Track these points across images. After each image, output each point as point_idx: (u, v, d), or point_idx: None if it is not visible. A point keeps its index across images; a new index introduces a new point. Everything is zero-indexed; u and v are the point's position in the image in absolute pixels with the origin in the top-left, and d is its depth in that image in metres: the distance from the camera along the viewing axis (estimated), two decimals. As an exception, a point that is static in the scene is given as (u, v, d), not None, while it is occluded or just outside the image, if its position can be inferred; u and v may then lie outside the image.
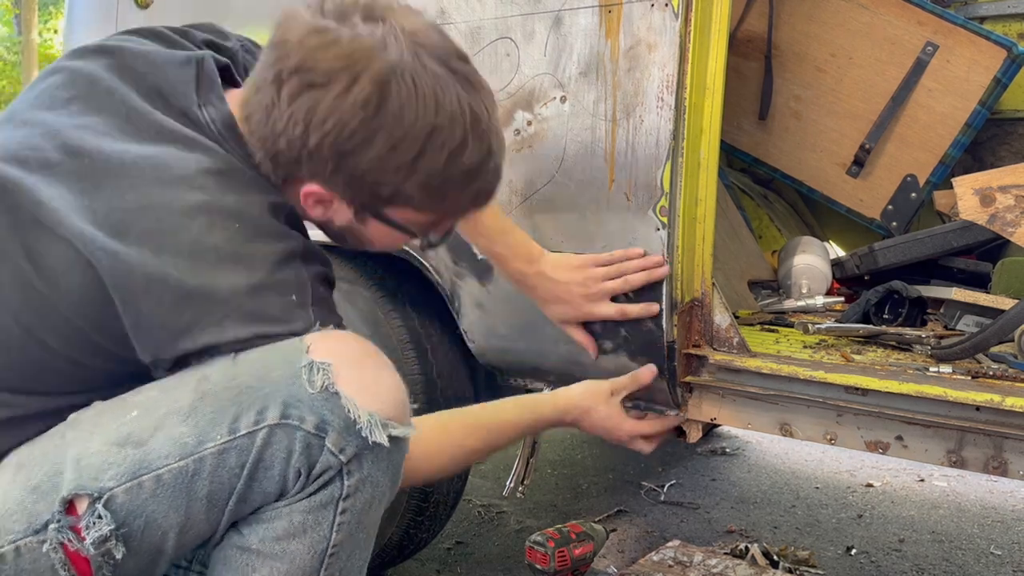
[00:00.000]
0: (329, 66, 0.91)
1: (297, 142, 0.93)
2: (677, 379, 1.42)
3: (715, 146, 1.37)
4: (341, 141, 0.93)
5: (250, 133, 0.98)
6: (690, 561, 1.33)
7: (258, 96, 0.95)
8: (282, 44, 0.94)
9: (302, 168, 0.96)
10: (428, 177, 0.97)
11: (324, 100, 0.91)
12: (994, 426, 1.18)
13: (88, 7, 2.27)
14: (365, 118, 0.91)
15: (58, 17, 18.01)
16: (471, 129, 0.96)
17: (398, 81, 0.91)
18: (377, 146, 0.93)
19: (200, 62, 1.02)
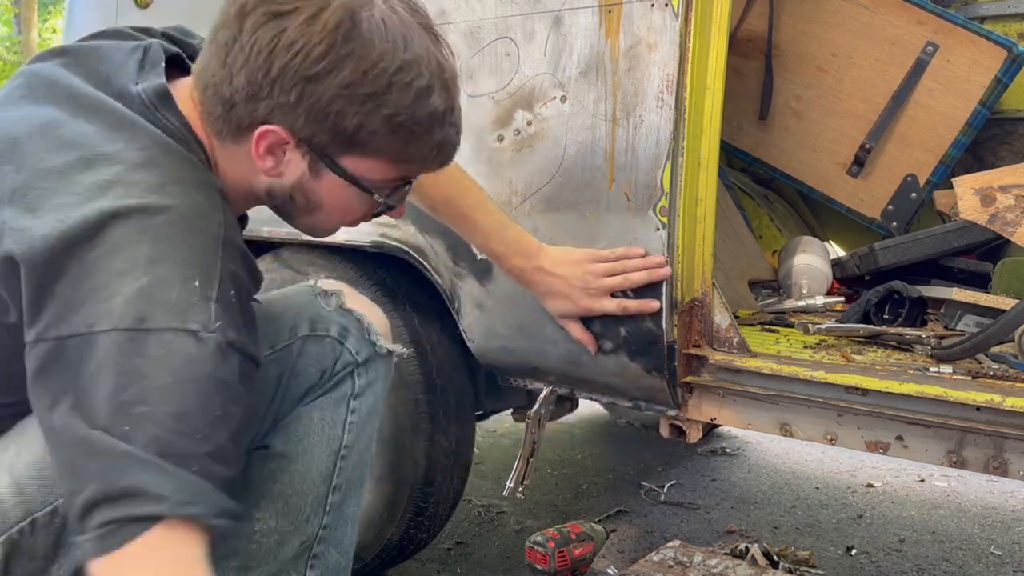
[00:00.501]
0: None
1: (259, 72, 0.90)
2: (677, 379, 1.42)
3: (715, 146, 1.37)
4: (307, 65, 0.89)
5: (203, 89, 0.95)
6: (690, 561, 1.33)
7: (216, 41, 0.93)
8: None
9: (259, 105, 0.92)
10: (394, 113, 0.93)
11: (290, 27, 0.89)
12: (994, 426, 1.18)
13: (88, 7, 2.27)
14: (333, 43, 0.89)
15: (58, 17, 18.01)
16: (437, 75, 0.95)
17: (368, 13, 0.90)
18: (344, 72, 0.90)
19: (147, 48, 1.01)
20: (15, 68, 16.92)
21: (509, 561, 2.03)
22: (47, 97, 0.96)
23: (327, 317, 1.15)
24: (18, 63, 15.72)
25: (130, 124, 0.92)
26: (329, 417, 1.14)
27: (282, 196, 1.01)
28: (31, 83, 0.99)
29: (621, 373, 1.47)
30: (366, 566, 1.78)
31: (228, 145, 0.98)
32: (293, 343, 1.12)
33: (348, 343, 1.15)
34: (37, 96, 0.97)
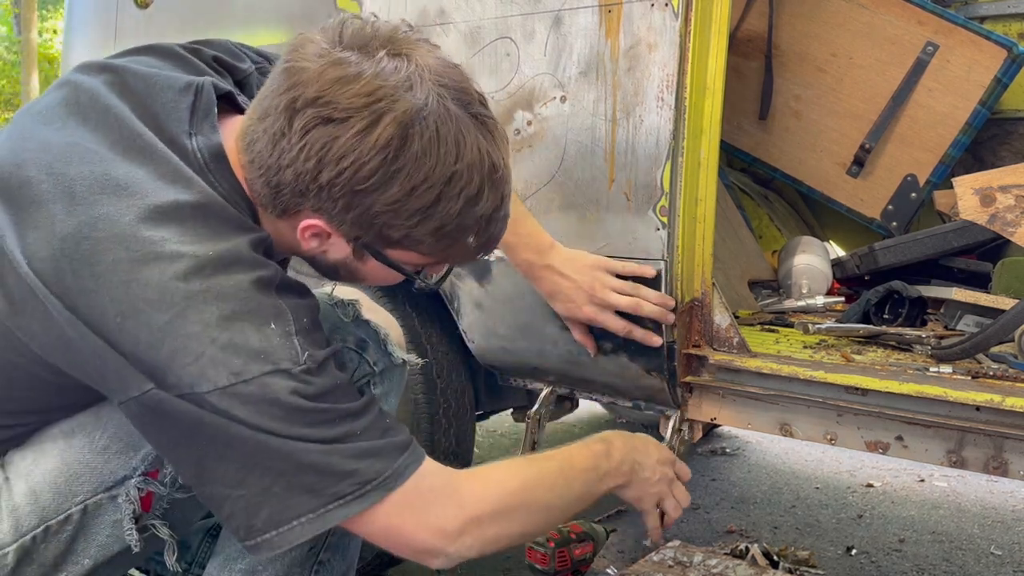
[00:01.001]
0: (350, 103, 0.87)
1: (307, 176, 0.90)
2: (677, 379, 1.42)
3: (715, 146, 1.37)
4: (357, 181, 0.89)
5: (250, 161, 0.94)
6: (690, 561, 1.33)
7: (264, 124, 0.91)
8: (297, 72, 0.89)
9: (306, 201, 0.93)
10: (441, 224, 0.93)
11: (342, 137, 0.87)
12: (994, 426, 1.18)
13: (88, 7, 2.28)
14: (384, 160, 0.88)
15: (58, 17, 18.01)
16: (488, 177, 0.94)
17: (421, 124, 0.88)
18: (393, 189, 0.90)
19: (199, 89, 0.98)
20: (15, 68, 16.90)
21: (509, 561, 2.03)
22: (98, 126, 0.94)
23: (344, 328, 1.16)
24: (18, 63, 15.72)
25: (184, 178, 0.91)
26: None
27: (326, 267, 1.03)
28: (79, 100, 0.97)
29: (621, 373, 1.47)
30: (366, 566, 1.78)
31: (271, 217, 0.98)
32: None
33: (366, 354, 1.16)
34: (87, 119, 0.95)
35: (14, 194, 0.89)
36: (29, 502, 0.97)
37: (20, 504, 0.97)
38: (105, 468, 0.99)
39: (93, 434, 0.99)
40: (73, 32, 2.34)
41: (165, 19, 2.07)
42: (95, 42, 2.22)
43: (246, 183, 0.96)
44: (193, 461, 0.88)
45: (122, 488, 0.99)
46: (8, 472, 0.98)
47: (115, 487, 0.99)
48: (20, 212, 0.88)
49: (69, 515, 0.98)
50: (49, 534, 0.97)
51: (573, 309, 1.40)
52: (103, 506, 0.99)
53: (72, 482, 0.98)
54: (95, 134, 0.93)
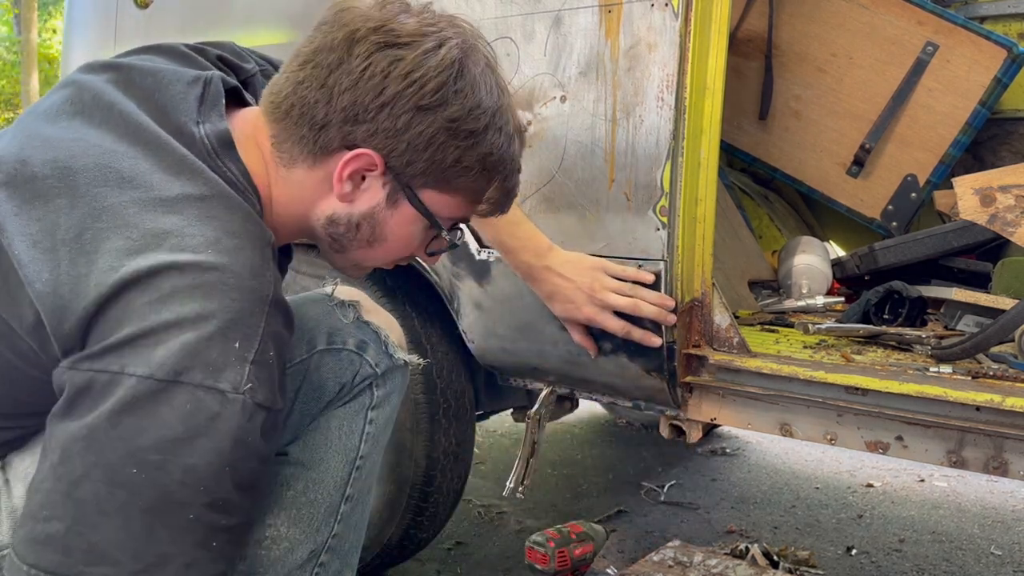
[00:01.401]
0: (414, 29, 0.92)
1: (368, 94, 0.92)
2: (677, 379, 1.42)
3: (715, 146, 1.37)
4: (422, 95, 0.92)
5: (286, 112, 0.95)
6: (690, 561, 1.33)
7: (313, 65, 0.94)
8: (352, 11, 0.94)
9: (358, 128, 0.94)
10: (489, 152, 0.98)
11: (408, 56, 0.91)
12: (994, 426, 1.18)
13: (88, 7, 2.28)
14: (448, 78, 0.93)
15: (57, 17, 18.01)
16: (516, 128, 1.02)
17: (476, 56, 0.96)
18: (454, 107, 0.94)
19: (208, 81, 0.99)
20: (15, 68, 16.90)
21: (509, 561, 2.03)
22: (103, 122, 0.94)
23: (344, 330, 1.15)
24: (18, 63, 15.72)
25: (189, 169, 0.91)
26: (347, 427, 1.14)
27: (347, 224, 1.01)
28: (83, 98, 0.97)
29: (621, 373, 1.47)
30: (366, 566, 1.78)
31: (299, 170, 0.98)
32: (311, 357, 1.12)
33: (367, 355, 1.15)
34: (92, 117, 0.95)
35: (20, 189, 0.89)
36: None
37: (19, 506, 0.96)
38: None
39: None
40: (73, 32, 2.34)
41: (165, 19, 2.07)
42: (95, 42, 2.22)
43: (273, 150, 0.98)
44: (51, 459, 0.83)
45: None
46: (8, 474, 0.98)
47: None
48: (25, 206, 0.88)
49: None
50: None
51: (572, 310, 1.40)
52: None
53: None
54: (99, 130, 0.93)
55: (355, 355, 1.15)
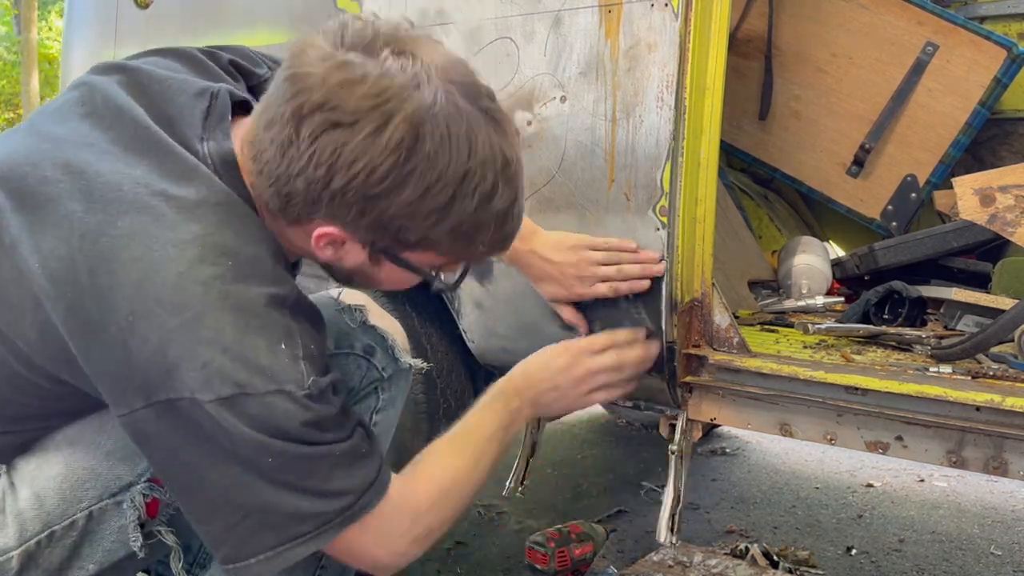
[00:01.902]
0: (357, 105, 0.85)
1: (318, 183, 0.88)
2: (677, 379, 1.42)
3: (715, 146, 1.37)
4: (370, 185, 0.87)
5: (258, 172, 0.92)
6: (690, 561, 1.33)
7: (271, 132, 0.89)
8: (301, 78, 0.87)
9: (319, 210, 0.90)
10: (458, 223, 0.92)
11: (352, 141, 0.85)
12: (994, 426, 1.18)
13: (88, 7, 2.27)
14: (397, 161, 0.86)
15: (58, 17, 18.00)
16: (501, 173, 0.92)
17: (431, 123, 0.86)
18: (407, 191, 0.88)
19: (214, 95, 0.97)
20: (15, 68, 16.89)
21: (509, 561, 2.03)
22: (112, 125, 0.94)
23: (351, 334, 1.16)
24: (18, 63, 15.71)
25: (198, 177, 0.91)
26: None
27: (342, 273, 1.02)
28: (93, 100, 0.97)
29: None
30: (366, 566, 1.78)
31: (281, 221, 0.96)
32: None
33: (374, 359, 1.17)
34: (102, 121, 0.94)
35: (31, 191, 0.89)
36: (33, 507, 0.97)
37: (25, 509, 0.97)
38: (110, 474, 0.99)
39: (98, 439, 0.99)
40: (73, 32, 2.34)
41: (165, 19, 2.07)
42: (95, 42, 2.22)
43: (254, 191, 0.95)
44: (176, 484, 0.90)
45: (127, 494, 1.00)
46: (13, 478, 0.99)
47: (120, 493, 1.00)
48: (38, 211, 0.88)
49: (74, 521, 0.98)
50: (54, 539, 0.97)
51: (562, 291, 1.39)
52: (108, 512, 1.00)
53: (77, 488, 0.98)
54: (109, 133, 0.93)
55: (362, 359, 1.16)
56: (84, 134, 0.93)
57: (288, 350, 0.86)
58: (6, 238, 0.89)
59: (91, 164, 0.89)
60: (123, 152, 0.91)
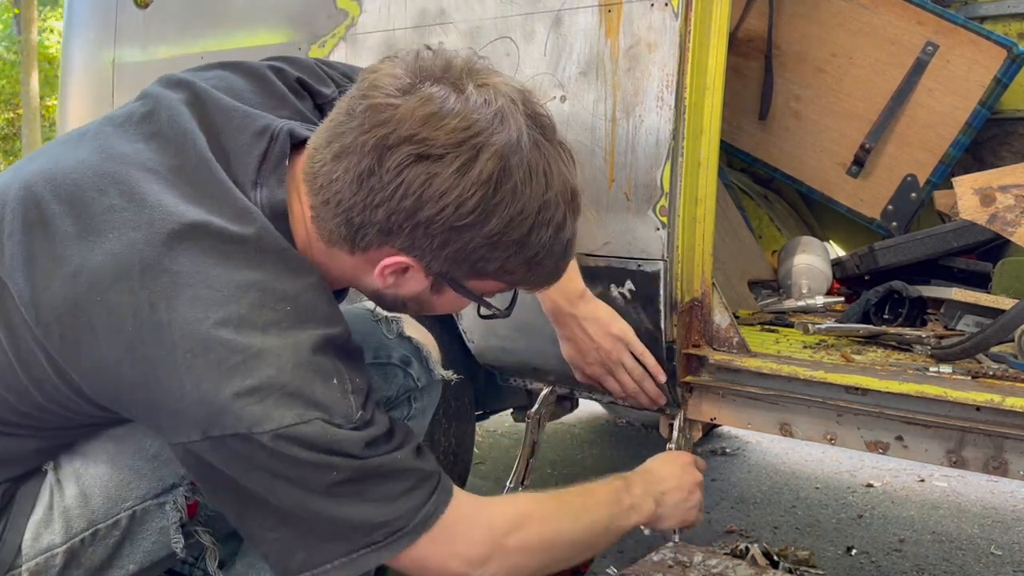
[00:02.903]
0: (447, 139, 0.86)
1: (402, 214, 0.88)
2: (677, 379, 1.42)
3: (715, 146, 1.37)
4: (458, 217, 0.88)
5: (323, 201, 0.92)
6: (690, 561, 1.33)
7: (345, 162, 0.89)
8: (382, 109, 0.88)
9: (395, 239, 0.91)
10: (533, 253, 0.94)
11: (442, 174, 0.86)
12: (994, 426, 1.18)
13: (88, 7, 2.28)
14: (486, 195, 0.88)
15: (58, 17, 18.01)
16: (570, 204, 0.95)
17: (517, 157, 0.89)
18: (492, 223, 0.89)
19: (274, 138, 0.97)
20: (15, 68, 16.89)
21: (509, 561, 2.03)
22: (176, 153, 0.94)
23: (388, 344, 1.18)
24: (18, 63, 15.71)
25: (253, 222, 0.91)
26: None
27: (392, 300, 1.02)
28: (159, 118, 0.98)
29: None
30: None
31: (338, 251, 0.96)
32: None
33: (410, 370, 1.20)
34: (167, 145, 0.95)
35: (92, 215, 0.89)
36: (79, 504, 0.98)
37: (71, 507, 0.98)
38: (154, 475, 1.01)
39: (143, 441, 1.01)
40: (73, 32, 2.34)
41: (165, 19, 2.07)
42: (95, 42, 2.22)
43: (312, 222, 0.95)
44: (234, 505, 0.90)
45: (170, 496, 1.02)
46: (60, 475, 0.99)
47: (163, 494, 1.02)
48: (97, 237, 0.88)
49: (118, 520, 1.00)
50: (97, 538, 0.99)
51: (580, 363, 1.41)
52: (151, 512, 1.01)
53: (122, 488, 1.00)
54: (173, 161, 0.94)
55: (399, 368, 1.19)
56: (149, 158, 0.94)
57: (339, 385, 0.89)
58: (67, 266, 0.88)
59: (154, 194, 0.90)
60: (185, 184, 0.92)
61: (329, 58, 1.72)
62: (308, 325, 0.89)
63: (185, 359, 0.84)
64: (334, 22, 1.71)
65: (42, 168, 0.94)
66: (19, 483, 0.98)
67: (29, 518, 0.97)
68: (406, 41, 1.61)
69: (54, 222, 0.89)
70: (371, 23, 1.66)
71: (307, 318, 0.89)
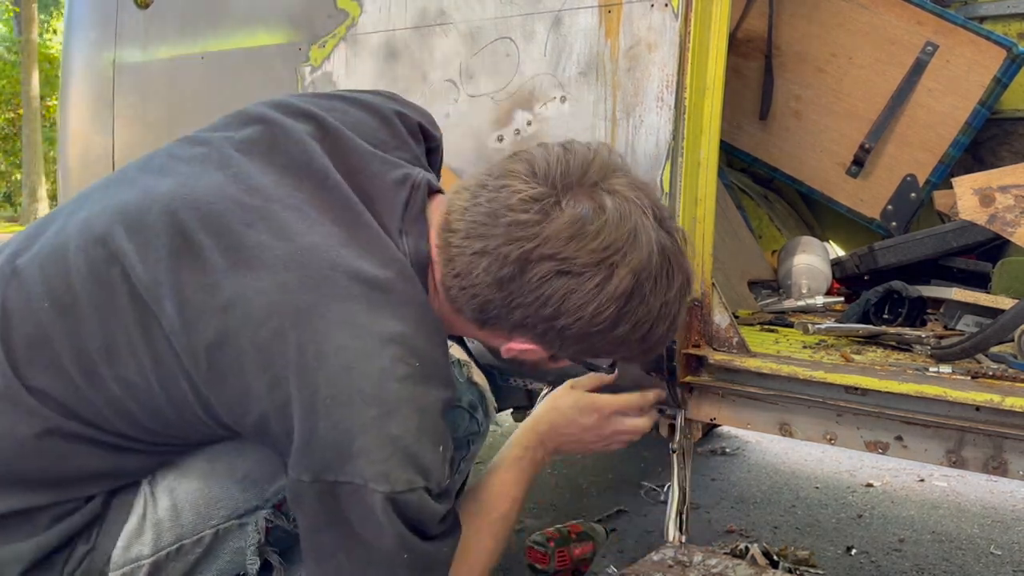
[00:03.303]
0: (587, 259, 0.92)
1: (540, 319, 0.95)
2: (677, 379, 1.42)
3: (715, 146, 1.37)
4: (592, 325, 0.95)
5: (461, 287, 0.96)
6: (690, 561, 1.33)
7: (484, 261, 0.93)
8: (528, 225, 0.92)
9: (528, 333, 0.97)
10: (652, 347, 1.02)
11: (580, 289, 0.92)
12: (994, 426, 1.18)
13: (88, 7, 2.28)
14: (620, 307, 0.94)
15: (58, 18, 18.01)
16: (684, 294, 1.02)
17: (648, 271, 0.95)
18: (621, 328, 0.96)
19: (415, 187, 1.01)
20: (15, 68, 16.87)
21: (509, 561, 2.03)
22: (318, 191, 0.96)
23: (459, 387, 1.20)
24: (18, 63, 15.71)
25: (401, 273, 0.94)
26: None
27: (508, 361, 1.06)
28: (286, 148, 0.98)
29: (620, 373, 1.46)
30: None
31: (463, 320, 1.01)
32: None
33: (477, 415, 1.22)
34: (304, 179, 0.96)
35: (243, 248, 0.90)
36: (171, 518, 1.00)
37: (163, 519, 0.99)
38: (241, 496, 1.03)
39: (235, 462, 1.03)
40: (73, 32, 2.34)
41: (165, 19, 2.07)
42: (95, 42, 2.23)
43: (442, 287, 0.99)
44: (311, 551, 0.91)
45: (253, 517, 1.04)
46: (154, 488, 1.01)
47: (246, 515, 1.04)
48: (248, 271, 0.89)
49: (202, 537, 1.02)
50: (181, 553, 1.01)
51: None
52: (232, 532, 1.03)
53: (212, 506, 1.02)
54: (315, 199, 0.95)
55: (467, 413, 1.22)
56: (290, 194, 0.95)
57: (444, 452, 0.91)
58: (218, 298, 0.89)
59: (302, 235, 0.91)
60: (332, 225, 0.93)
61: (329, 58, 1.72)
62: (433, 384, 0.91)
63: (325, 405, 0.86)
64: (334, 22, 1.71)
65: (178, 192, 0.94)
66: (114, 494, 0.99)
67: (123, 527, 0.98)
68: (406, 41, 1.61)
69: (203, 253, 0.90)
70: (371, 23, 1.66)
71: (433, 376, 0.91)
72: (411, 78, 1.61)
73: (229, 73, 1.92)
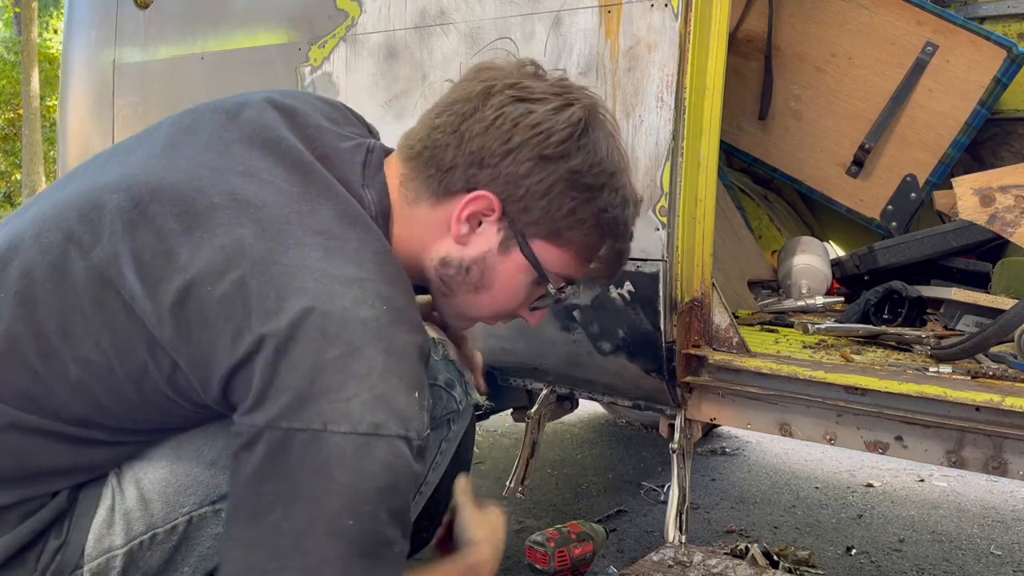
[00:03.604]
0: (545, 90, 0.98)
1: (496, 141, 0.97)
2: (677, 379, 1.42)
3: (715, 146, 1.37)
4: (546, 145, 0.96)
5: (417, 154, 1.00)
6: (690, 561, 1.33)
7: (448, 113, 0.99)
8: (489, 68, 1.01)
9: (482, 172, 0.98)
10: (604, 209, 1.01)
11: (537, 111, 0.97)
12: (994, 426, 1.18)
13: (88, 7, 2.28)
14: (573, 133, 0.97)
15: (58, 18, 18.02)
16: (632, 196, 1.05)
17: (602, 119, 1.01)
18: (575, 160, 0.97)
19: (370, 150, 1.05)
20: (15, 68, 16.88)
21: (509, 561, 2.03)
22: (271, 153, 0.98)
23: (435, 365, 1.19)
24: (18, 63, 15.71)
25: (363, 223, 0.96)
26: None
27: (457, 266, 1.04)
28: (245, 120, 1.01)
29: (621, 374, 1.47)
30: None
31: (421, 208, 1.02)
32: None
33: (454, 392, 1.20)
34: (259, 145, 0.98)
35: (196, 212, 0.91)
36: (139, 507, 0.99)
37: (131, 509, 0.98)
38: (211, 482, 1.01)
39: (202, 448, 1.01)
40: (73, 32, 2.34)
41: (165, 19, 2.07)
42: (95, 42, 2.23)
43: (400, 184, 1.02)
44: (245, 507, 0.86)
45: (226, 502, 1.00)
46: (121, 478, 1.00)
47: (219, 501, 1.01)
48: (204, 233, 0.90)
49: (175, 526, 1.00)
50: (155, 543, 0.99)
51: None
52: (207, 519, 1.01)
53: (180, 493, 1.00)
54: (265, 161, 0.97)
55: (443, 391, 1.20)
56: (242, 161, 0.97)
57: (419, 399, 0.89)
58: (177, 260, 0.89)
59: (255, 195, 0.93)
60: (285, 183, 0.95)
61: (329, 58, 1.72)
62: (402, 328, 0.90)
63: (284, 346, 0.85)
64: (334, 22, 1.71)
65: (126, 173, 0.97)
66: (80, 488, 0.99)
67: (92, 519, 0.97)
68: (406, 41, 1.61)
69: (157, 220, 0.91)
70: (371, 23, 1.66)
71: (400, 320, 0.90)
72: (411, 78, 1.61)
73: (229, 73, 1.92)
